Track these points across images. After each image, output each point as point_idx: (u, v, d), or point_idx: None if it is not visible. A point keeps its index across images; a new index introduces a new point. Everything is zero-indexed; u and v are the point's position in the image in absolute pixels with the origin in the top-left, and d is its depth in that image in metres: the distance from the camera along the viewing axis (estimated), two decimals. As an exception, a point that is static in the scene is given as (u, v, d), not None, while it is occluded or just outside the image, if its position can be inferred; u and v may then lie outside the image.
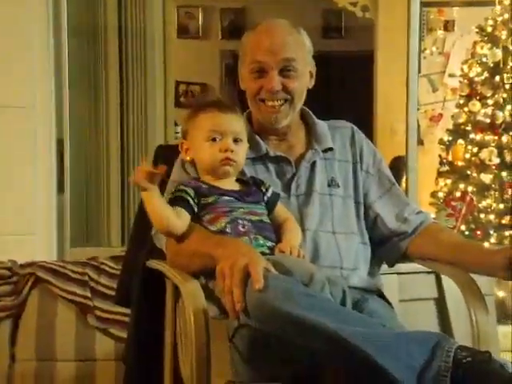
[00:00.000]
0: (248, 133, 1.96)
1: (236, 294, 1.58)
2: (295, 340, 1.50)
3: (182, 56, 6.47)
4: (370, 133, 4.90)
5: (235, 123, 1.91)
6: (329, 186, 2.02)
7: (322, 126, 2.11)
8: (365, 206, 2.07)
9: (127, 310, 2.32)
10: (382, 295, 2.04)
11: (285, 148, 2.06)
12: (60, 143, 3.29)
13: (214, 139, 1.88)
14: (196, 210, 1.83)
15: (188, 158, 1.95)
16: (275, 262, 1.66)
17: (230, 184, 1.91)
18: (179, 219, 1.80)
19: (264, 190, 1.92)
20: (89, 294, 2.77)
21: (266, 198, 1.91)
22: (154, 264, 1.97)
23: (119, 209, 5.30)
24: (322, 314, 1.49)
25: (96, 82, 5.33)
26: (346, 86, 6.91)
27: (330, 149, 2.07)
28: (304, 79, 2.02)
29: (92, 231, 5.26)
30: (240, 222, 1.82)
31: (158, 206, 1.77)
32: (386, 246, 2.07)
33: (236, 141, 1.89)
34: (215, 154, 1.87)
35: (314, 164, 2.04)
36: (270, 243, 1.81)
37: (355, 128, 2.17)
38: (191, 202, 1.82)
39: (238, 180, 1.94)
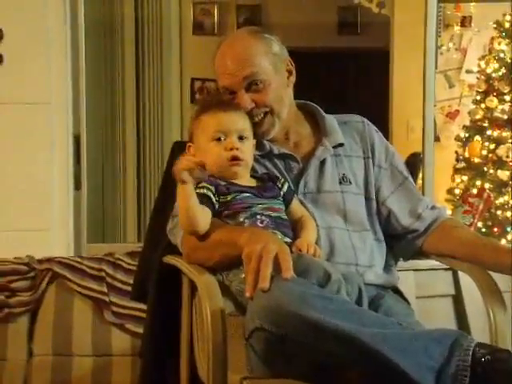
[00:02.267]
0: None
1: (264, 274, 1.57)
2: (312, 343, 1.49)
3: (198, 53, 6.46)
4: (386, 129, 4.89)
5: (238, 121, 1.90)
6: (340, 183, 2.00)
7: (331, 120, 2.08)
8: (377, 202, 2.05)
9: (143, 306, 2.33)
10: (398, 291, 2.03)
11: (291, 146, 2.04)
12: (76, 139, 3.29)
13: (218, 139, 1.88)
14: (217, 207, 1.83)
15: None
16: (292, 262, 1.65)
17: (247, 180, 1.90)
18: (204, 217, 1.80)
19: (280, 185, 1.91)
20: (105, 290, 2.78)
21: (282, 193, 1.90)
22: (170, 259, 1.98)
23: (135, 205, 5.32)
24: (339, 317, 1.48)
25: (112, 79, 5.36)
26: (361, 83, 6.88)
27: (341, 144, 2.05)
28: (277, 84, 1.97)
29: (108, 227, 5.29)
30: (258, 217, 1.81)
31: (192, 204, 1.76)
32: (400, 243, 2.06)
33: (241, 138, 1.88)
34: (221, 154, 1.87)
35: (324, 161, 2.01)
36: (287, 239, 1.81)
37: (366, 121, 2.14)
38: (213, 199, 1.82)
39: (252, 176, 1.94)
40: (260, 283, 1.57)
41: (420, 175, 4.00)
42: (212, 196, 1.82)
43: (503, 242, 4.39)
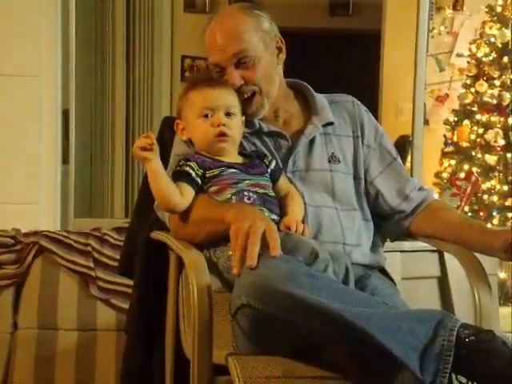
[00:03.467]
0: None
1: (251, 251, 1.58)
2: (298, 321, 1.49)
3: (189, 30, 6.43)
4: (375, 111, 4.88)
5: (226, 97, 1.89)
6: (329, 161, 2.00)
7: (321, 99, 2.08)
8: (365, 181, 2.05)
9: (129, 281, 2.33)
10: (384, 272, 2.04)
11: (281, 124, 2.04)
12: (65, 114, 3.27)
13: (206, 115, 1.88)
14: (200, 182, 1.83)
15: (184, 138, 1.95)
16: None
17: (234, 157, 1.91)
18: (182, 196, 1.80)
19: (267, 162, 1.92)
20: (91, 265, 2.78)
21: (269, 171, 1.91)
22: (157, 235, 1.98)
23: (123, 180, 5.31)
24: (325, 295, 1.48)
25: (102, 55, 5.32)
26: (352, 64, 6.87)
27: (330, 123, 2.05)
28: (266, 61, 1.97)
29: (96, 202, 5.27)
30: (246, 193, 1.81)
31: (161, 183, 1.77)
32: (388, 224, 2.07)
33: (228, 114, 1.88)
34: (208, 130, 1.87)
35: (313, 139, 2.01)
36: (274, 216, 1.81)
37: (356, 101, 2.13)
38: (194, 175, 1.82)
39: (240, 153, 1.93)
40: (247, 261, 1.58)
41: (408, 158, 4.01)
42: (192, 172, 1.82)
43: (489, 226, 4.41)
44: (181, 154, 1.92)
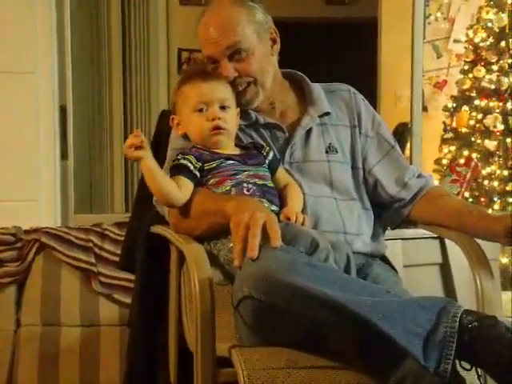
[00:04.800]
0: None
1: (252, 243, 1.58)
2: (300, 311, 1.49)
3: (185, 23, 6.41)
4: (374, 100, 4.87)
5: (220, 90, 1.89)
6: (326, 152, 2.00)
7: (317, 89, 2.07)
8: (364, 171, 2.05)
9: (131, 276, 2.33)
10: (386, 260, 2.04)
11: (277, 115, 2.03)
12: (63, 110, 3.27)
13: (200, 110, 1.87)
14: (198, 176, 1.83)
15: (180, 133, 1.94)
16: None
17: (231, 149, 1.90)
18: (181, 190, 1.79)
19: (265, 153, 1.91)
20: (93, 260, 2.78)
21: (267, 162, 1.90)
22: (158, 229, 1.97)
23: (123, 175, 5.31)
24: (327, 284, 1.48)
25: (99, 49, 5.32)
26: (349, 53, 6.86)
27: (327, 113, 2.04)
28: (260, 53, 1.96)
29: (96, 198, 5.28)
30: (245, 185, 1.81)
31: (158, 180, 1.77)
32: (387, 212, 2.07)
33: (223, 107, 1.88)
34: (203, 124, 1.87)
35: (310, 130, 2.01)
36: (274, 207, 1.81)
37: (352, 90, 2.13)
38: (192, 168, 1.82)
39: (237, 145, 1.93)
40: (249, 252, 1.58)
41: (408, 145, 4.00)
42: (191, 165, 1.82)
43: (490, 211, 4.41)
44: (178, 149, 1.92)
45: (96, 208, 5.21)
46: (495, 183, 4.53)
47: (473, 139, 4.67)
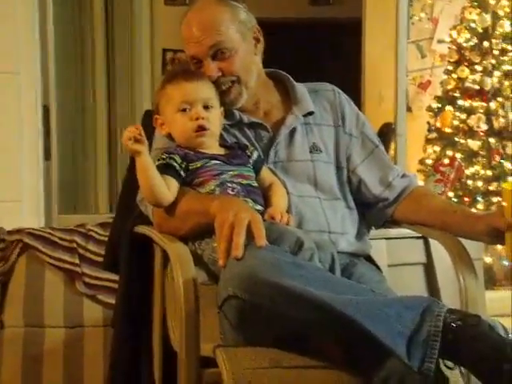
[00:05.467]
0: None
1: (237, 242, 1.58)
2: (285, 311, 1.50)
3: (169, 23, 6.40)
4: (358, 100, 4.88)
5: (203, 90, 1.89)
6: (310, 151, 2.00)
7: (301, 89, 2.07)
8: (348, 170, 2.05)
9: (115, 277, 2.32)
10: (370, 259, 2.04)
11: (261, 115, 2.03)
12: (46, 109, 3.25)
13: (184, 110, 1.87)
14: (184, 175, 1.82)
15: (164, 133, 1.94)
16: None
17: (216, 149, 1.90)
18: (168, 189, 1.79)
19: (249, 153, 1.91)
20: (77, 261, 2.76)
21: (251, 161, 1.90)
22: (142, 229, 1.97)
23: (107, 176, 5.29)
24: (311, 284, 1.48)
25: (82, 49, 5.30)
26: (333, 53, 6.87)
27: (311, 113, 2.04)
28: (244, 52, 1.96)
29: (79, 198, 5.26)
30: (229, 185, 1.81)
31: (151, 176, 1.76)
32: (372, 211, 2.07)
33: (207, 107, 1.87)
34: (187, 124, 1.86)
35: (294, 130, 2.01)
36: (258, 207, 1.81)
37: (336, 89, 2.13)
38: (178, 168, 1.82)
39: (222, 145, 1.93)
40: (233, 251, 1.58)
41: (392, 146, 4.01)
42: (176, 165, 1.81)
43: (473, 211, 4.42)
44: (162, 148, 1.92)
45: (80, 209, 5.19)
46: (479, 183, 4.55)
47: (456, 139, 4.69)
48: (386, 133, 4.33)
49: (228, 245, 1.60)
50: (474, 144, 4.60)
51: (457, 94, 4.73)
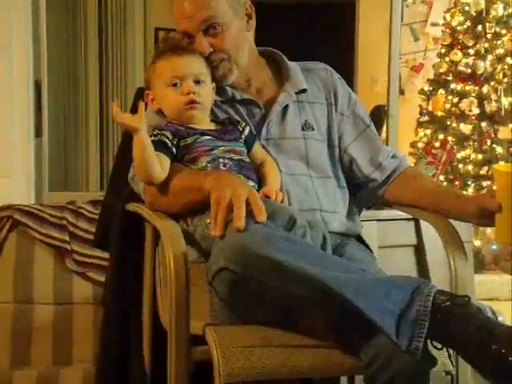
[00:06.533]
0: None
1: (238, 215, 1.57)
2: (275, 285, 1.50)
3: (162, 2, 6.37)
4: (350, 82, 4.87)
5: (194, 65, 1.88)
6: (302, 129, 2.00)
7: (294, 67, 2.07)
8: (339, 149, 2.05)
9: (106, 254, 2.32)
10: (361, 240, 2.04)
11: (253, 92, 2.03)
12: (37, 85, 3.23)
13: (175, 84, 1.86)
14: (175, 152, 1.82)
15: (155, 108, 1.93)
16: None
17: (207, 124, 1.90)
18: (161, 166, 1.78)
19: (241, 128, 1.91)
20: (67, 238, 2.76)
21: (243, 137, 1.90)
22: (133, 207, 1.96)
23: (98, 153, 5.27)
24: (303, 259, 1.49)
25: (74, 26, 5.27)
26: (326, 35, 6.84)
27: (303, 90, 2.04)
28: (235, 28, 1.95)
29: (70, 175, 5.24)
30: (221, 160, 1.81)
31: (147, 154, 1.74)
32: (362, 192, 2.07)
33: (198, 82, 1.87)
34: (178, 99, 1.86)
35: (286, 107, 2.00)
36: (251, 182, 1.81)
37: (329, 68, 2.13)
38: (170, 145, 1.81)
39: (213, 121, 1.93)
40: (235, 223, 1.57)
41: (384, 128, 4.01)
42: (168, 141, 1.81)
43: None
44: (153, 125, 1.91)
45: (70, 186, 5.18)
46: (470, 167, 4.57)
47: (448, 123, 4.70)
48: (378, 115, 4.34)
49: (226, 216, 1.60)
50: (466, 128, 4.61)
51: (449, 78, 4.73)
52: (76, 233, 2.77)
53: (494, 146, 4.58)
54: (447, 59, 4.76)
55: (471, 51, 4.64)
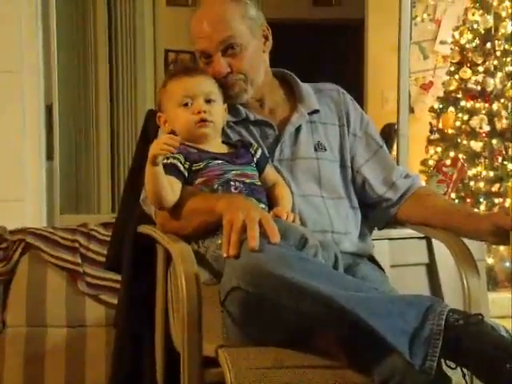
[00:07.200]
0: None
1: (253, 235, 1.57)
2: (288, 304, 1.50)
3: (172, 24, 6.41)
4: (361, 101, 4.89)
5: (204, 84, 1.89)
6: (315, 150, 2.00)
7: (306, 87, 2.08)
8: (352, 170, 2.05)
9: (118, 277, 2.31)
10: (373, 259, 2.04)
11: (266, 112, 2.03)
12: (48, 109, 3.25)
13: (186, 104, 1.87)
14: (187, 175, 1.82)
15: (167, 130, 1.93)
16: None
17: (218, 147, 1.90)
18: (172, 190, 1.78)
19: (253, 151, 1.91)
20: (79, 261, 2.76)
21: (255, 160, 1.90)
22: (144, 229, 1.96)
23: (109, 175, 5.29)
24: (316, 278, 1.48)
25: (85, 48, 5.30)
26: (336, 55, 6.87)
27: (316, 111, 2.04)
28: (253, 49, 1.96)
29: (82, 198, 5.25)
30: (232, 183, 1.81)
31: (159, 183, 1.74)
32: (375, 212, 2.07)
33: (209, 101, 1.88)
34: (189, 118, 1.86)
35: (299, 128, 2.01)
36: (262, 205, 1.81)
37: (341, 90, 2.13)
38: (182, 168, 1.81)
39: (225, 143, 1.93)
40: (250, 242, 1.57)
41: (394, 147, 4.01)
42: (180, 165, 1.81)
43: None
44: None
45: (82, 208, 5.19)
46: (481, 184, 4.55)
47: (459, 140, 4.69)
48: (389, 133, 4.34)
49: (240, 237, 1.60)
50: (477, 145, 4.60)
51: (459, 95, 4.73)
52: (88, 255, 2.78)
53: (505, 162, 4.56)
54: (457, 77, 4.76)
55: (480, 69, 4.64)
